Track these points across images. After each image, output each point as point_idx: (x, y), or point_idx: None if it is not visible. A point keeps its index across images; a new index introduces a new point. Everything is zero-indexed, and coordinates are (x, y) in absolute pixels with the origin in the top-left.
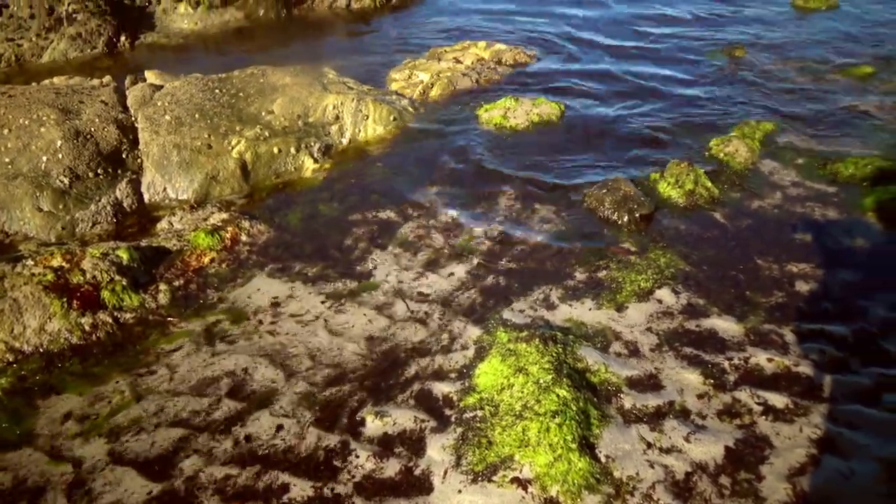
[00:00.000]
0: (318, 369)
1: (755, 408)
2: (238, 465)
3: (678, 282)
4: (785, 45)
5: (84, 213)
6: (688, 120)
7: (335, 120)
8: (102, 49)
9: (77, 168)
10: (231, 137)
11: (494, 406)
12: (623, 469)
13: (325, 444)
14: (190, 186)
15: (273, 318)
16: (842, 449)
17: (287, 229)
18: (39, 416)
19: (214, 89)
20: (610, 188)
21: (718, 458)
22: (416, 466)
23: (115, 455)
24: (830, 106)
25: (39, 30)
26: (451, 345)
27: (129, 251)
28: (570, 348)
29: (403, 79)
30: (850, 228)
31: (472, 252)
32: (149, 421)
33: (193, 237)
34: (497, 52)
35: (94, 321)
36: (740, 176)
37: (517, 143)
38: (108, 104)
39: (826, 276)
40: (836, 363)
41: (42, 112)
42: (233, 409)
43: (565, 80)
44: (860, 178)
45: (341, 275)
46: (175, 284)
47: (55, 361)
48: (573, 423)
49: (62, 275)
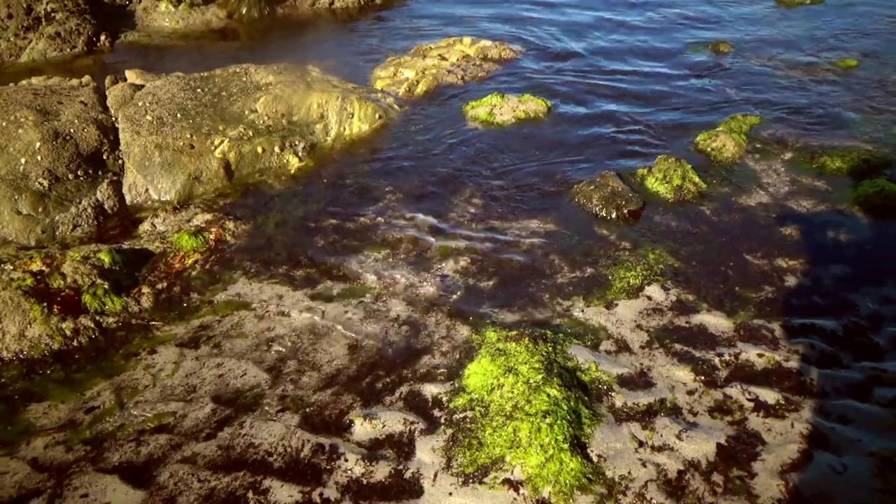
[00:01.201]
0: (305, 372)
1: (746, 404)
2: (223, 470)
3: (667, 278)
4: (770, 40)
5: (64, 216)
6: (675, 115)
7: (320, 118)
8: (82, 48)
9: (56, 170)
10: (214, 137)
11: (485, 407)
12: (615, 468)
13: (313, 447)
14: (172, 187)
15: (258, 321)
16: (834, 444)
17: (272, 230)
18: (20, 424)
19: (196, 88)
20: (598, 184)
21: (710, 455)
22: (405, 469)
23: (97, 462)
24: (817, 99)
25: (17, 29)
26: (440, 345)
27: (111, 254)
28: (560, 347)
29: (389, 76)
30: (839, 222)
31: (459, 251)
32: (132, 427)
33: (177, 239)
34: (483, 48)
35: (75, 326)
36: (728, 170)
37: (504, 139)
38: (87, 104)
39: (815, 270)
40: (826, 358)
41: (20, 113)
42: (218, 413)
43: (551, 76)
44: (847, 171)
45: (327, 276)
46: (158, 287)
47: (36, 368)
48: (564, 423)
49: (42, 279)
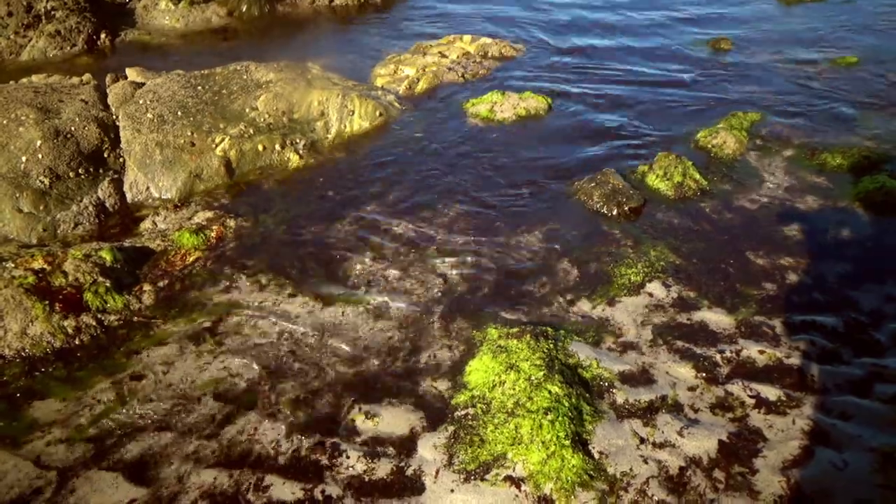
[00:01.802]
0: (306, 369)
1: (748, 401)
2: (225, 467)
3: (668, 275)
4: (771, 37)
5: (65, 214)
6: (675, 112)
7: (320, 116)
8: (82, 47)
9: (57, 168)
10: (215, 135)
11: (486, 404)
12: (616, 465)
13: (314, 445)
14: (173, 185)
15: (259, 319)
16: (835, 440)
17: (272, 227)
18: (23, 421)
19: (197, 86)
20: (599, 181)
21: (712, 452)
22: (407, 466)
23: (100, 460)
24: (817, 96)
25: (17, 27)
26: (441, 342)
27: (113, 252)
28: (561, 344)
29: (389, 74)
30: (839, 218)
31: (459, 248)
32: (134, 425)
33: (178, 237)
34: (483, 45)
35: (77, 324)
36: (728, 167)
37: (504, 137)
38: (88, 102)
39: (816, 266)
40: (827, 354)
41: (21, 111)
42: (219, 410)
43: (552, 73)
44: (848, 168)
45: (327, 274)
46: (160, 285)
47: (38, 366)
48: (566, 420)
49: (44, 277)
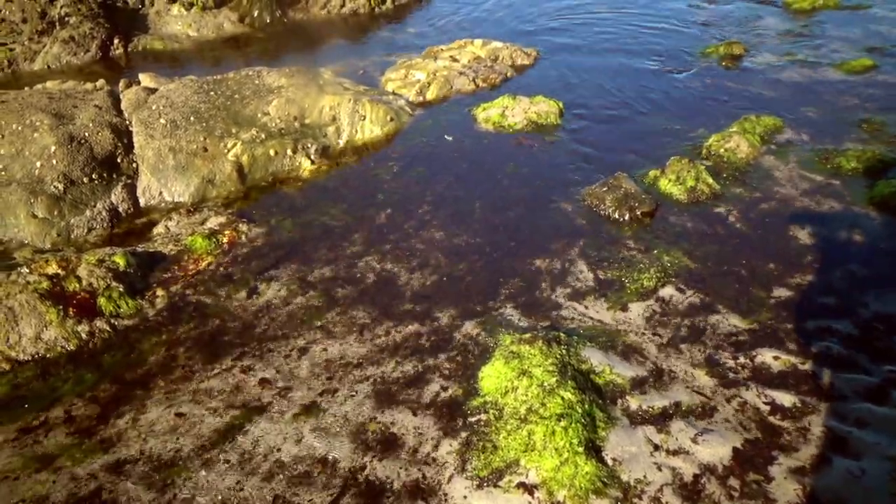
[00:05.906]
0: (320, 374)
1: (763, 407)
2: (239, 474)
3: (682, 280)
4: (784, 42)
5: (79, 219)
6: (687, 116)
7: (332, 121)
8: (96, 52)
9: (71, 173)
10: (227, 140)
11: (499, 409)
12: (630, 472)
13: (324, 452)
14: (186, 190)
15: (272, 323)
16: (852, 448)
17: (285, 232)
18: (36, 426)
19: (209, 91)
20: (610, 186)
21: (726, 459)
22: (420, 472)
23: (114, 466)
24: (831, 99)
25: (32, 33)
26: (454, 347)
27: (126, 257)
28: (573, 349)
29: (400, 78)
30: (855, 222)
31: (472, 252)
32: (149, 430)
33: (190, 241)
34: (494, 50)
35: (90, 329)
36: (742, 171)
37: (515, 141)
38: (101, 108)
39: (831, 271)
40: (843, 360)
41: (35, 117)
42: (233, 417)
43: (564, 78)
44: (863, 171)
45: (340, 278)
46: (172, 290)
47: (52, 370)
48: (579, 426)
49: (58, 282)
